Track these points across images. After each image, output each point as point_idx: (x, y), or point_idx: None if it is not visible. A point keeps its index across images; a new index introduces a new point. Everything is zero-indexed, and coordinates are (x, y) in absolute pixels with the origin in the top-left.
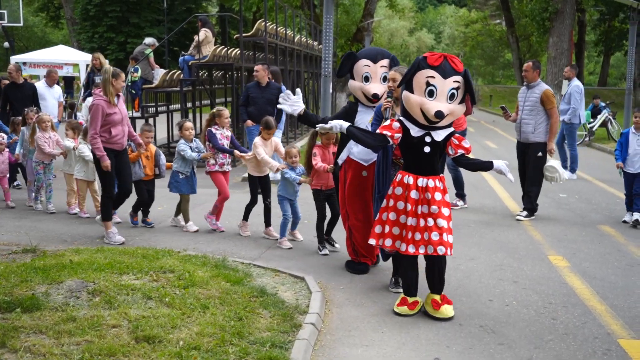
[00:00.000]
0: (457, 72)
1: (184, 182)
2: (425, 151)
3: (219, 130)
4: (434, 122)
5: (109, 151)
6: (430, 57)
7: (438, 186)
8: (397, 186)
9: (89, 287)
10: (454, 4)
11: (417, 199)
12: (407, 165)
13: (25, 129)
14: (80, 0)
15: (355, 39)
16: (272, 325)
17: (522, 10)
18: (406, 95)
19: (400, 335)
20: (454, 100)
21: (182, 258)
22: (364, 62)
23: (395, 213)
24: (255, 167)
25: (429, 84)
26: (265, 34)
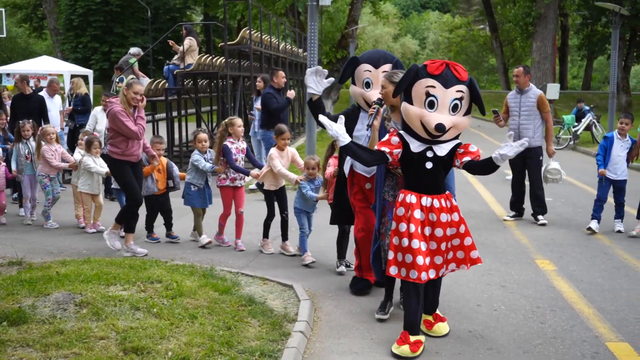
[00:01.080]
0: (460, 80)
1: (196, 194)
2: (427, 167)
3: (235, 143)
4: (435, 136)
5: (125, 163)
6: (430, 65)
7: (444, 206)
8: (400, 206)
9: (76, 299)
10: (438, 10)
11: (422, 219)
12: (409, 182)
13: (21, 145)
14: (63, 10)
15: (340, 46)
16: (261, 334)
17: (505, 15)
18: (405, 107)
19: (389, 343)
20: (458, 111)
21: (169, 268)
22: (365, 66)
23: (397, 237)
24: (271, 180)
25: (429, 95)
26: (250, 42)
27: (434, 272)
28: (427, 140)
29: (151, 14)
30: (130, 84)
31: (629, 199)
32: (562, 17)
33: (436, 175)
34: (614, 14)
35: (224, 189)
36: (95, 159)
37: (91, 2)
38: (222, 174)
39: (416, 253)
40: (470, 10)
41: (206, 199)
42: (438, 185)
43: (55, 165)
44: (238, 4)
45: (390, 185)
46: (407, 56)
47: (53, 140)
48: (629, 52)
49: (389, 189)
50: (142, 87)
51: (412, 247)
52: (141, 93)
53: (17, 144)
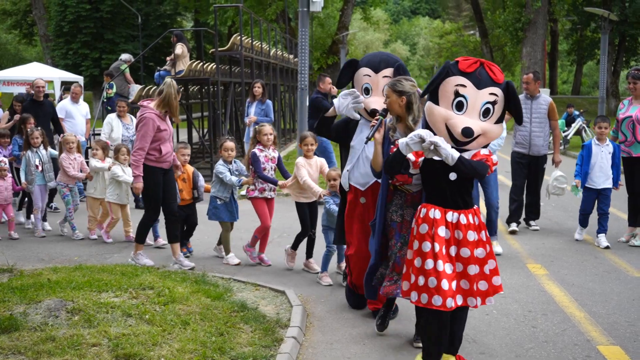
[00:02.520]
0: (495, 82)
1: (223, 208)
2: (451, 178)
3: (264, 151)
4: (461, 143)
5: (157, 170)
6: (462, 62)
7: (472, 222)
8: (422, 223)
9: (68, 306)
10: (428, 15)
11: (447, 237)
12: (430, 195)
13: (30, 154)
14: (53, 17)
15: (331, 52)
16: (253, 339)
17: (495, 20)
18: (429, 107)
19: (382, 348)
20: (489, 117)
21: (161, 274)
22: (364, 71)
23: (420, 258)
24: (299, 192)
25: (458, 94)
26: (241, 48)
27: (461, 298)
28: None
29: (142, 20)
30: (179, 90)
31: (620, 203)
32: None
33: (461, 187)
34: (603, 19)
35: (255, 200)
36: (124, 167)
37: (81, 9)
38: (251, 184)
39: (441, 276)
40: (460, 16)
41: (234, 213)
42: (464, 198)
43: (72, 175)
44: (229, 10)
45: (398, 204)
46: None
47: (73, 149)
48: (618, 57)
49: (396, 209)
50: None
51: (437, 269)
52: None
53: (26, 152)
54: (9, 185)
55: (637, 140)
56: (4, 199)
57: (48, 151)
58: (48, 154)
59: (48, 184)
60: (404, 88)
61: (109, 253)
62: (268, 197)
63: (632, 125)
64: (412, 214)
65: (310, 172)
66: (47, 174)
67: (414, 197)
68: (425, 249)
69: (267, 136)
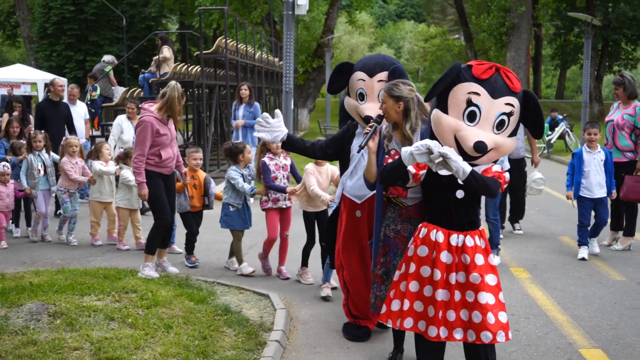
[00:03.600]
0: (512, 91)
1: (235, 215)
2: (458, 196)
3: (274, 159)
4: (472, 157)
5: (157, 175)
6: (476, 67)
7: (479, 245)
8: (421, 244)
9: (50, 310)
10: (413, 19)
11: (449, 263)
12: (433, 214)
13: (32, 157)
14: (37, 18)
15: (316, 55)
16: (236, 343)
17: (479, 25)
18: (437, 116)
19: (365, 351)
20: (503, 129)
21: (144, 278)
22: (358, 75)
23: (417, 282)
24: (308, 201)
25: (470, 103)
26: (226, 51)
27: (461, 332)
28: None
29: (126, 22)
30: (183, 93)
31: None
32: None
33: (468, 206)
34: (586, 25)
35: (269, 212)
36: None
37: (65, 10)
38: (264, 195)
39: (438, 306)
40: (445, 20)
41: (247, 220)
42: (471, 218)
43: (74, 179)
44: (214, 13)
45: (391, 218)
46: None
47: (75, 153)
48: (601, 62)
49: (389, 222)
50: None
51: (436, 298)
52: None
53: (28, 155)
54: (11, 192)
55: (615, 145)
56: (6, 206)
57: (51, 155)
58: (51, 157)
59: (52, 188)
60: (401, 93)
61: (91, 256)
62: (283, 207)
63: (613, 130)
64: (409, 230)
65: (320, 181)
66: (51, 178)
67: (408, 212)
68: (424, 274)
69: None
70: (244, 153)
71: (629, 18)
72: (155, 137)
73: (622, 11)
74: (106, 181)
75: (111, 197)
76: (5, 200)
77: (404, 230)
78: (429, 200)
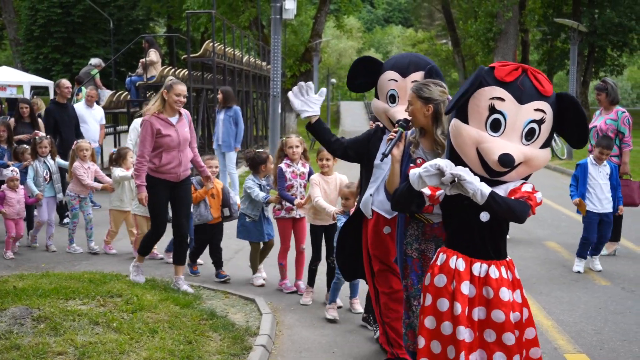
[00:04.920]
0: (542, 95)
1: (252, 227)
2: (482, 220)
3: (291, 166)
4: (498, 173)
5: (159, 182)
6: (500, 69)
7: (505, 277)
8: (439, 273)
9: (34, 314)
10: (401, 24)
11: (472, 296)
12: (452, 238)
13: (38, 163)
14: (24, 20)
15: (304, 59)
16: (222, 348)
17: (467, 30)
18: (456, 127)
19: (351, 356)
20: (533, 140)
21: (130, 282)
22: (389, 74)
23: (433, 318)
24: (315, 214)
25: (494, 110)
26: (214, 54)
27: None
28: (482, 179)
29: (114, 25)
30: (170, 85)
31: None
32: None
33: (494, 231)
34: (572, 31)
35: (281, 221)
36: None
37: (52, 13)
38: (277, 204)
39: (461, 347)
40: (432, 25)
41: (263, 233)
42: (497, 245)
43: (87, 184)
44: (201, 16)
45: (414, 236)
46: None
47: (87, 157)
48: (587, 68)
49: (411, 241)
50: (185, 87)
51: (457, 337)
52: (185, 94)
53: (33, 162)
54: (21, 198)
55: None
56: (17, 213)
57: (56, 161)
58: (56, 163)
59: (57, 195)
60: (431, 94)
61: (77, 260)
62: (296, 217)
63: (597, 136)
64: (433, 251)
65: (327, 191)
66: (56, 184)
67: (433, 230)
68: (441, 308)
69: (293, 149)
70: (266, 163)
71: (614, 24)
72: (157, 138)
73: (608, 17)
74: (127, 189)
75: (131, 205)
76: (15, 207)
77: (429, 250)
78: (449, 222)
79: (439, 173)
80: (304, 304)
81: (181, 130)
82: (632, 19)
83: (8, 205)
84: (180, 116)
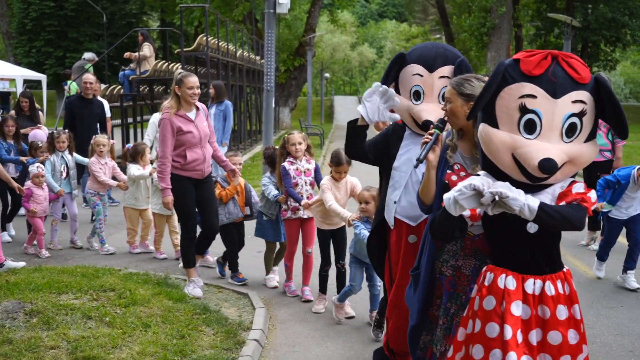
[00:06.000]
0: (579, 84)
1: (268, 226)
2: (530, 231)
3: (295, 164)
4: (539, 178)
5: (185, 180)
6: (525, 60)
7: (561, 292)
8: (487, 295)
9: (26, 308)
10: (395, 19)
11: (525, 318)
12: (498, 254)
13: (55, 158)
14: (16, 14)
15: (298, 54)
16: (215, 342)
17: (461, 25)
18: (486, 133)
19: (344, 350)
20: (576, 136)
21: (123, 276)
22: (413, 68)
23: (481, 346)
24: (323, 217)
25: (525, 110)
26: (207, 48)
27: None
28: (524, 186)
29: (107, 19)
30: (180, 79)
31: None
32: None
33: (546, 242)
34: (566, 26)
35: (288, 222)
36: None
37: (45, 6)
38: (284, 203)
39: None
40: (426, 20)
41: (280, 233)
42: (550, 257)
43: (102, 180)
44: (195, 10)
45: (451, 252)
46: (364, 64)
47: (104, 153)
48: None
49: (448, 257)
50: (196, 78)
51: None
52: (197, 85)
53: (50, 156)
54: (47, 195)
55: None
56: (43, 210)
57: (74, 156)
58: (73, 158)
59: (73, 191)
60: (474, 91)
61: (69, 254)
62: (303, 218)
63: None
64: (472, 267)
65: (338, 197)
66: (73, 180)
67: (475, 243)
68: (491, 334)
69: (296, 146)
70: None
71: (607, 19)
72: (178, 136)
73: (601, 13)
74: (142, 187)
75: (147, 203)
76: (43, 204)
77: (467, 266)
78: (493, 237)
79: (476, 193)
80: (316, 312)
81: (201, 126)
82: (625, 14)
83: (36, 202)
84: (197, 111)
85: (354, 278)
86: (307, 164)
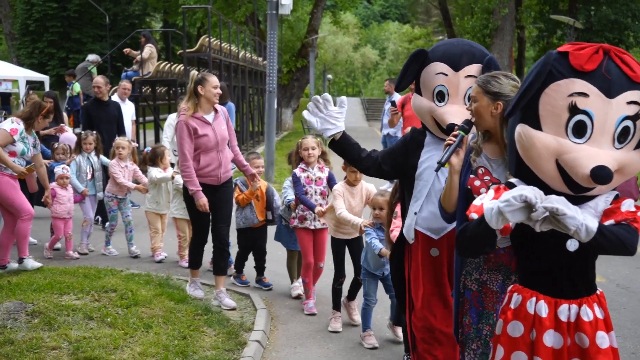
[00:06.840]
0: (634, 82)
1: (285, 232)
2: (570, 249)
3: (306, 171)
4: (582, 189)
5: (201, 186)
6: (575, 53)
7: (600, 317)
8: (513, 319)
9: (28, 309)
10: (398, 20)
11: (558, 347)
12: (529, 276)
13: (81, 158)
14: (19, 15)
15: (300, 55)
16: (216, 343)
17: (463, 26)
18: (525, 135)
19: (345, 351)
20: (627, 141)
21: (124, 277)
22: (437, 67)
23: None
24: (337, 225)
25: (575, 110)
26: (210, 49)
27: None
28: (567, 197)
29: (110, 20)
30: (202, 78)
31: None
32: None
33: (583, 262)
34: (568, 27)
35: (298, 231)
36: None
37: (48, 7)
38: (293, 210)
39: None
40: (429, 22)
41: (295, 240)
42: (587, 278)
43: (120, 182)
44: (198, 11)
45: (473, 264)
46: (367, 66)
47: (124, 155)
48: None
49: (471, 270)
50: (216, 78)
51: None
52: (219, 84)
53: (77, 157)
54: (71, 196)
55: None
56: (67, 212)
57: (100, 158)
58: (100, 160)
59: (97, 194)
60: (501, 89)
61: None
62: (311, 228)
63: None
64: (498, 283)
65: (352, 204)
66: (98, 183)
67: (499, 257)
68: None
69: (308, 151)
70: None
71: (610, 21)
72: (195, 139)
73: (604, 14)
74: (164, 191)
75: (167, 208)
76: (66, 205)
77: (492, 282)
78: (523, 254)
79: (525, 206)
80: (332, 331)
81: (218, 129)
82: (628, 16)
83: (59, 203)
84: (216, 113)
85: (367, 292)
86: (319, 172)
